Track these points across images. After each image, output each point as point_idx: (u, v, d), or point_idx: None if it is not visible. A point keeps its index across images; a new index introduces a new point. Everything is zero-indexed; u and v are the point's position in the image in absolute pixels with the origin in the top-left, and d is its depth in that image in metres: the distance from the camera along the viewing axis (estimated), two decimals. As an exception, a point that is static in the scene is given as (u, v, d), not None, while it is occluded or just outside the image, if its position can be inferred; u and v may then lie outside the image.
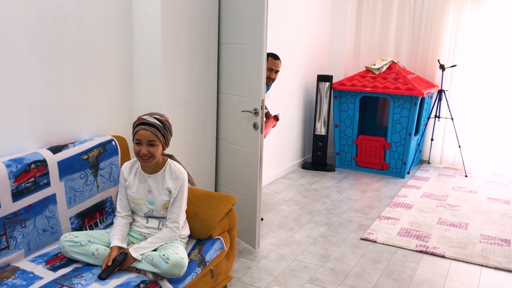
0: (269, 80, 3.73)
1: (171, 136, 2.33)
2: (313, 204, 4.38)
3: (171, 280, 2.12)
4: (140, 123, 2.23)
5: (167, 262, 2.05)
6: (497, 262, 3.25)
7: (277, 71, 3.72)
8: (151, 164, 2.26)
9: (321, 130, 5.60)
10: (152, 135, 2.20)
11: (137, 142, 2.22)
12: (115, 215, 2.39)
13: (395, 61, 5.56)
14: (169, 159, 2.38)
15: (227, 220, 2.64)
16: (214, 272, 2.51)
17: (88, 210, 2.51)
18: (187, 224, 2.46)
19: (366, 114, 6.05)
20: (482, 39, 5.54)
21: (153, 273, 2.09)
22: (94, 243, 2.18)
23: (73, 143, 2.49)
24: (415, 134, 5.55)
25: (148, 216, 2.36)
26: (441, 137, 5.97)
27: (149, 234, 2.33)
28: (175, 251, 2.12)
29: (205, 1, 3.19)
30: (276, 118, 3.87)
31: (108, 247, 2.19)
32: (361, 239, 3.61)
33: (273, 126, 3.92)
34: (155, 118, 2.24)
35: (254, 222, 3.20)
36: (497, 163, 5.73)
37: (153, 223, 2.35)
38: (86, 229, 2.49)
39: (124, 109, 2.96)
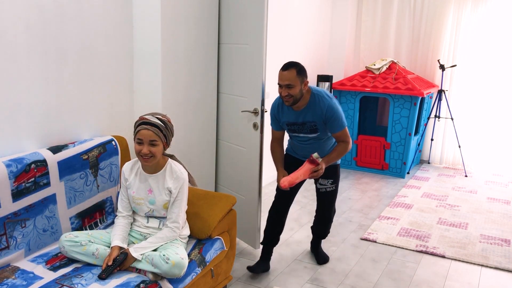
0: (284, 99, 2.71)
1: (172, 136, 2.33)
2: (313, 204, 4.37)
3: (171, 280, 2.12)
4: (142, 123, 2.23)
5: (167, 262, 2.05)
6: (497, 262, 3.25)
7: (287, 86, 2.63)
8: (152, 163, 2.26)
9: (321, 130, 5.59)
10: (153, 135, 2.20)
11: (139, 142, 2.22)
12: (115, 215, 2.39)
13: (395, 61, 5.56)
14: (169, 159, 2.38)
15: (227, 220, 2.64)
16: (214, 272, 2.51)
17: (88, 210, 2.51)
18: (187, 224, 2.46)
19: (366, 114, 6.05)
20: (482, 39, 5.54)
21: (153, 273, 2.09)
22: (94, 243, 2.18)
23: (73, 143, 2.49)
24: (415, 134, 5.55)
25: (148, 216, 2.37)
26: (441, 137, 5.97)
27: (149, 234, 2.33)
28: (175, 251, 2.12)
29: (205, 1, 3.19)
30: (312, 161, 2.68)
31: (109, 247, 2.19)
32: (361, 239, 3.61)
33: (311, 176, 2.70)
34: (157, 118, 2.24)
35: (254, 222, 3.20)
36: (497, 163, 5.73)
37: (154, 223, 2.35)
38: (86, 229, 2.49)
39: (124, 109, 2.96)
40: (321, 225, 3.16)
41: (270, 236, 3.03)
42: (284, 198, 3.00)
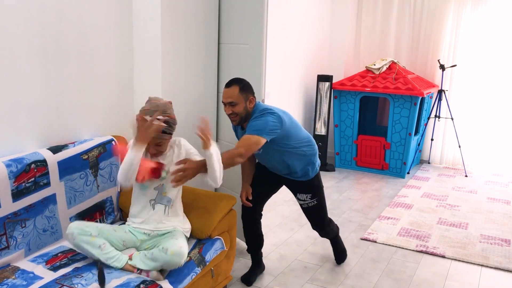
0: (230, 117, 2.58)
1: (176, 124, 2.37)
2: (313, 204, 4.37)
3: (171, 280, 2.12)
4: None
5: (166, 253, 2.08)
6: (497, 262, 3.25)
7: (230, 104, 2.48)
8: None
9: (321, 130, 5.60)
10: (159, 139, 2.27)
11: None
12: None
13: (395, 61, 5.56)
14: (170, 141, 2.41)
15: (227, 220, 2.64)
16: (214, 272, 2.51)
17: (88, 210, 2.51)
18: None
19: (366, 114, 6.05)
20: (482, 39, 5.54)
21: (157, 271, 2.10)
22: (103, 237, 2.17)
23: (73, 143, 2.49)
24: (415, 134, 5.55)
25: (154, 203, 2.35)
26: (441, 137, 5.97)
27: (153, 230, 2.31)
28: (173, 243, 2.14)
29: (205, 1, 3.19)
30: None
31: (113, 246, 2.18)
32: (361, 239, 3.61)
33: (179, 176, 2.15)
34: (160, 120, 2.25)
35: (254, 222, 3.20)
36: (497, 163, 5.73)
37: (159, 208, 2.35)
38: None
39: (124, 109, 2.96)
40: (321, 233, 3.02)
41: (252, 242, 2.94)
42: (249, 212, 2.87)
